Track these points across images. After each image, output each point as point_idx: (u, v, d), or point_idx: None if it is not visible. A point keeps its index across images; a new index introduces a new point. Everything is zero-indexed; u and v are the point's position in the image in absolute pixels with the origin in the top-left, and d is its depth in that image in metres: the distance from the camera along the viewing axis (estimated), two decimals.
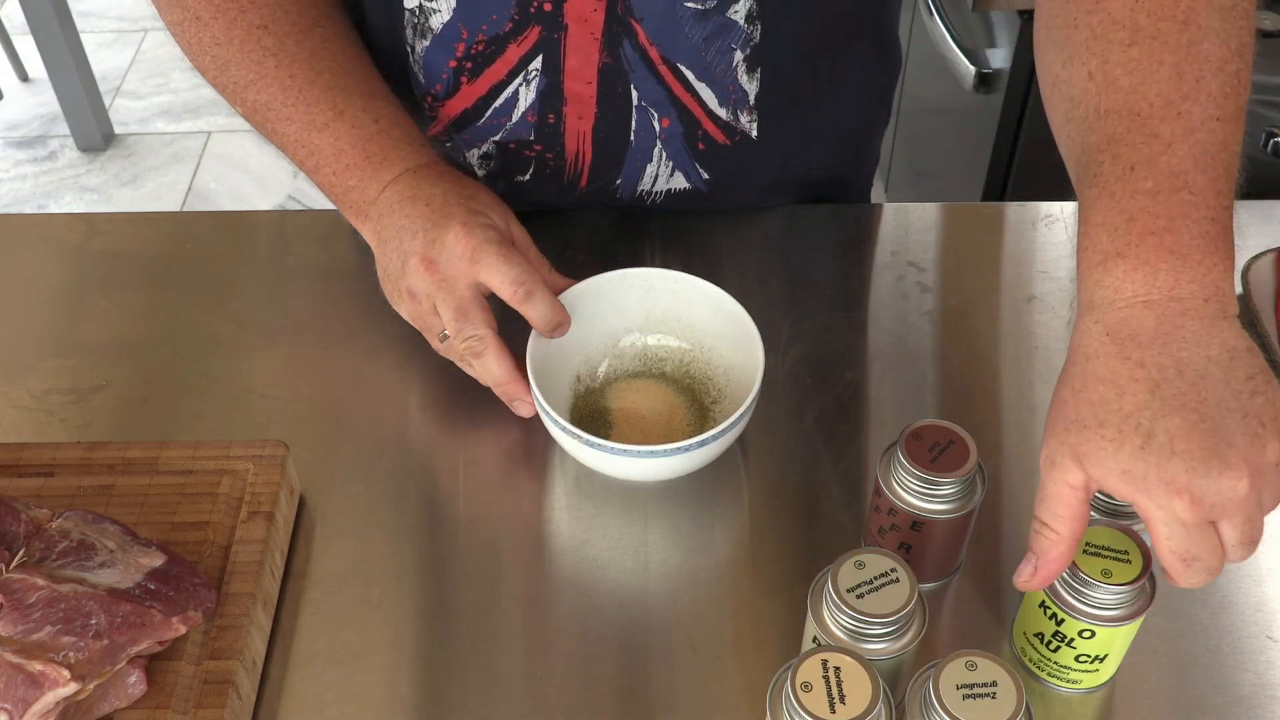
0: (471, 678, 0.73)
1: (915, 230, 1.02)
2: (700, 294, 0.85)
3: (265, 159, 2.72)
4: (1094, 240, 0.64)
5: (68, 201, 2.62)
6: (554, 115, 0.90)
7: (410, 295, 0.81)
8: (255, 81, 0.84)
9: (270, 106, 0.85)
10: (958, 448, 0.71)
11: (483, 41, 0.86)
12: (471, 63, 0.88)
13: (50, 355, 0.92)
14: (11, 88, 2.90)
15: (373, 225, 0.83)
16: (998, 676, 0.61)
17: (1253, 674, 0.73)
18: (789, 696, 0.60)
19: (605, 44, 0.85)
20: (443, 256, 0.79)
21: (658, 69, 0.87)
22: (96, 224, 1.03)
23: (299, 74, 0.84)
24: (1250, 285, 0.91)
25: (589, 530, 0.81)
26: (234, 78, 0.86)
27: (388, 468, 0.84)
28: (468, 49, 0.87)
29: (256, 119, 0.87)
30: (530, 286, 0.78)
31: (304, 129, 0.84)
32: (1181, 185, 0.63)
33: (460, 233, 0.78)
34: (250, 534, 0.75)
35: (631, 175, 0.94)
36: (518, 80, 0.88)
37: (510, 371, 0.81)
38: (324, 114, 0.83)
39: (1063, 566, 0.64)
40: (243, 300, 0.96)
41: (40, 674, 0.63)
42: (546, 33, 0.85)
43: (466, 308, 0.80)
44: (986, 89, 1.68)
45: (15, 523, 0.71)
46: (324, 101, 0.83)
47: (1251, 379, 0.60)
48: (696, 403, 0.86)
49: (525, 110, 0.90)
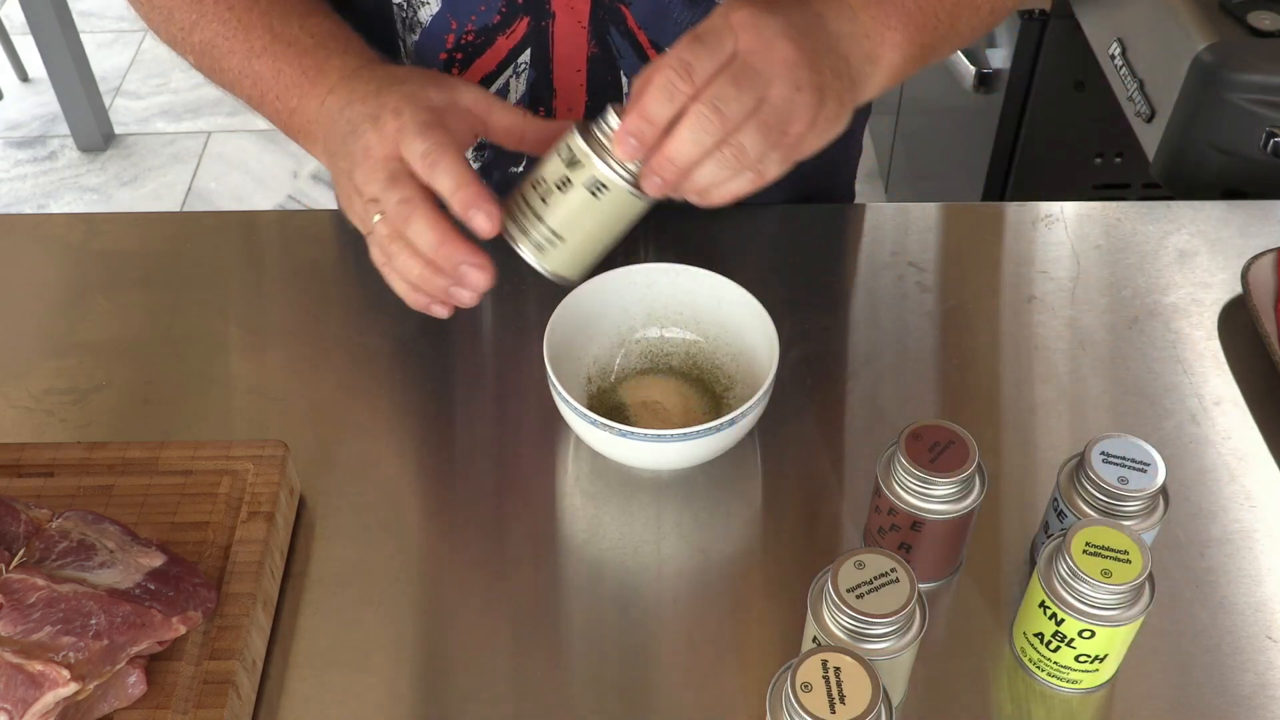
0: (471, 678, 0.73)
1: (915, 230, 1.02)
2: (704, 284, 0.86)
3: (265, 159, 2.72)
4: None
5: (68, 201, 2.62)
6: (544, 109, 0.90)
7: (354, 191, 0.73)
8: (198, 22, 0.83)
9: (213, 43, 0.83)
10: (958, 448, 0.71)
11: (472, 33, 0.87)
12: (462, 54, 0.88)
13: (50, 355, 0.92)
14: (11, 88, 2.90)
15: (321, 144, 0.78)
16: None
17: (1253, 674, 0.73)
18: (789, 696, 0.60)
19: (593, 31, 0.86)
20: (376, 140, 0.72)
21: (647, 55, 0.87)
22: (96, 224, 1.03)
23: (236, 4, 0.82)
24: (1250, 285, 0.91)
25: (589, 531, 0.81)
26: (178, 23, 0.84)
27: (388, 468, 0.84)
28: (457, 40, 0.88)
29: (206, 63, 0.85)
30: (436, 156, 0.69)
31: (245, 58, 0.81)
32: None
33: (389, 116, 0.72)
34: (250, 534, 0.75)
35: None
36: (508, 72, 0.89)
37: (460, 177, 0.69)
38: (261, 39, 0.81)
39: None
40: (243, 300, 0.96)
41: (40, 674, 0.63)
42: (535, 22, 0.85)
43: (394, 178, 0.70)
44: (986, 89, 1.68)
45: (15, 523, 0.71)
46: (260, 26, 0.81)
47: (849, 61, 0.72)
48: (709, 392, 0.87)
49: (516, 102, 0.90)
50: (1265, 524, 0.81)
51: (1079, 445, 0.75)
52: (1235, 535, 0.80)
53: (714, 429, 0.76)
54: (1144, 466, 0.71)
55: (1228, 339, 0.92)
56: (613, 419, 0.81)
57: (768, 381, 0.78)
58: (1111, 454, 0.72)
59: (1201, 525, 0.80)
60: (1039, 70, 1.60)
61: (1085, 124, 1.63)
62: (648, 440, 0.77)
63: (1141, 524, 0.72)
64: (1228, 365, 0.90)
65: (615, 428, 0.76)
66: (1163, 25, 1.30)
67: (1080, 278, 0.97)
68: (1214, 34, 1.23)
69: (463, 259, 0.69)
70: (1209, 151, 1.26)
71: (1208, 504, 0.82)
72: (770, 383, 0.78)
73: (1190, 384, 0.89)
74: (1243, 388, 0.89)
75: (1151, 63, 1.33)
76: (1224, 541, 0.80)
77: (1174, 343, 0.92)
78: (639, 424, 0.85)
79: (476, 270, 0.70)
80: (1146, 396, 0.88)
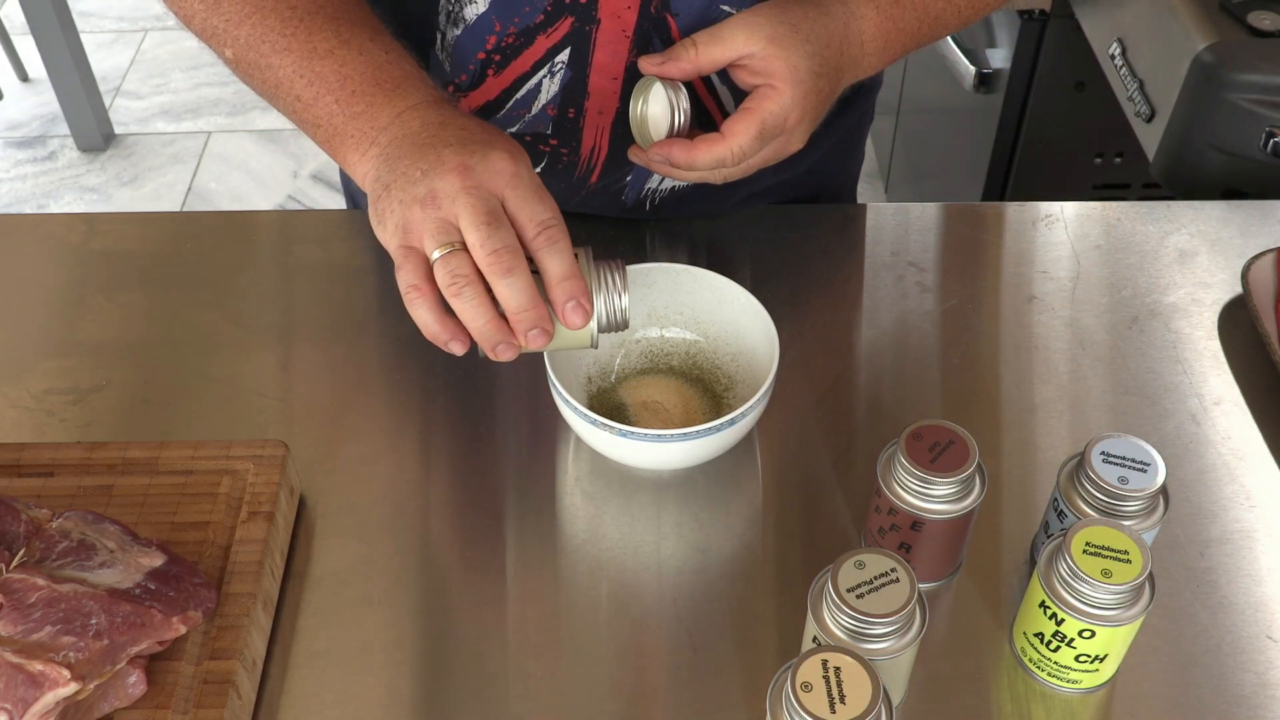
0: (471, 678, 0.73)
1: (915, 230, 1.02)
2: (703, 284, 0.86)
3: (265, 159, 2.72)
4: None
5: (68, 201, 2.62)
6: (574, 109, 0.90)
7: (426, 200, 0.69)
8: (252, 14, 0.79)
9: (266, 39, 0.79)
10: (958, 448, 0.71)
11: (513, 34, 0.86)
12: (500, 55, 0.87)
13: (50, 355, 0.92)
14: (11, 88, 2.90)
15: (379, 150, 0.74)
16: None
17: (1253, 674, 0.73)
18: (789, 696, 0.60)
19: (636, 41, 0.85)
20: (480, 166, 0.70)
21: None
22: (96, 224, 1.03)
23: (299, 5, 0.79)
24: (1250, 285, 0.91)
25: (589, 530, 0.81)
26: (226, 14, 0.80)
27: (388, 468, 0.84)
28: (499, 42, 0.87)
29: (249, 57, 0.80)
30: (557, 233, 0.70)
31: (305, 57, 0.78)
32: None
33: (504, 154, 0.70)
34: (250, 534, 0.75)
35: (642, 173, 0.94)
36: (542, 72, 0.88)
37: (571, 265, 0.70)
38: (328, 41, 0.77)
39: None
40: (243, 300, 0.96)
41: (40, 674, 0.63)
42: (579, 24, 0.85)
43: (497, 217, 0.69)
44: (986, 89, 1.68)
45: (15, 523, 0.71)
46: (328, 30, 0.78)
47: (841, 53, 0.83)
48: (709, 392, 0.87)
49: (546, 103, 0.90)
50: (1265, 524, 0.81)
51: (1079, 445, 0.75)
52: (1235, 535, 0.80)
53: (714, 429, 0.76)
54: (1144, 466, 0.71)
55: (1228, 339, 0.92)
56: (613, 419, 0.81)
57: (768, 381, 0.78)
58: (1111, 454, 0.72)
59: (1201, 525, 0.80)
60: (1039, 70, 1.60)
61: (1085, 124, 1.63)
62: (648, 440, 0.77)
63: (1141, 524, 0.72)
64: (1228, 365, 0.90)
65: (615, 428, 0.76)
66: (1163, 25, 1.30)
67: (1080, 278, 0.97)
68: (1214, 34, 1.23)
69: (536, 325, 0.69)
70: (1209, 151, 1.26)
71: (1208, 504, 0.82)
72: (770, 383, 0.78)
73: (1190, 384, 0.89)
74: (1243, 388, 0.89)
75: (1151, 63, 1.33)
76: (1224, 541, 0.80)
77: (1174, 343, 0.92)
78: (639, 424, 0.85)
79: (542, 336, 0.70)
80: (1146, 396, 0.88)
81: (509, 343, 0.69)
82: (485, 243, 0.67)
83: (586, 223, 1.00)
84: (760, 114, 0.79)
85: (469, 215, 0.68)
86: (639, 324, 0.88)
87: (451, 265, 0.68)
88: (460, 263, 0.68)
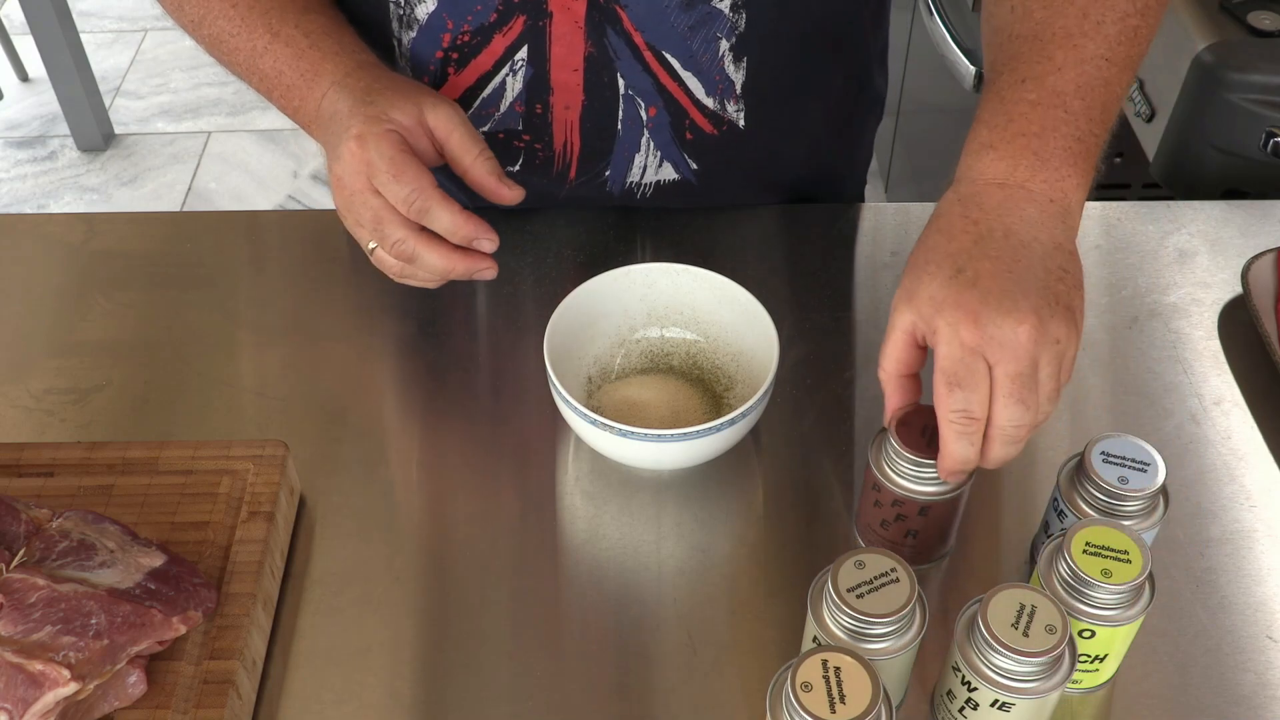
0: (471, 678, 0.73)
1: (915, 230, 1.01)
2: (703, 284, 0.86)
3: (265, 159, 2.72)
4: (976, 133, 0.73)
5: (68, 201, 2.62)
6: (541, 105, 0.90)
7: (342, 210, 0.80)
8: (205, 16, 0.86)
9: (221, 39, 0.86)
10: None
11: (468, 32, 0.87)
12: (458, 53, 0.88)
13: (50, 355, 0.92)
14: (11, 88, 2.90)
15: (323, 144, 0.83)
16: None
17: (1253, 674, 0.73)
18: (789, 696, 0.60)
19: (589, 32, 0.86)
20: (346, 173, 0.77)
21: (643, 56, 0.87)
22: (96, 224, 1.03)
23: (240, 1, 0.84)
24: (1250, 285, 0.91)
25: (589, 531, 0.81)
26: (188, 15, 0.87)
27: (388, 468, 0.84)
28: (454, 39, 0.88)
29: (218, 54, 0.88)
30: (424, 202, 0.76)
31: (249, 57, 0.85)
32: (1060, 104, 0.71)
33: (353, 147, 0.77)
34: (250, 534, 0.75)
35: (620, 165, 0.94)
36: (504, 71, 0.89)
37: (458, 214, 0.77)
38: (262, 38, 0.84)
39: (895, 406, 0.71)
40: (243, 300, 0.96)
41: (40, 674, 0.63)
42: (531, 21, 0.86)
43: (381, 218, 0.77)
44: None
45: (15, 523, 0.71)
46: (261, 25, 0.84)
47: (1065, 270, 0.67)
48: (709, 391, 0.87)
49: (513, 100, 0.90)
50: (1265, 524, 0.81)
51: (1079, 445, 0.75)
52: (1235, 535, 0.80)
53: (714, 429, 0.76)
54: (1144, 466, 0.71)
55: (1228, 339, 0.92)
56: (613, 419, 0.81)
57: (768, 381, 0.78)
58: (1111, 454, 0.72)
59: (1201, 525, 0.80)
60: None
61: None
62: (648, 440, 0.77)
63: (1141, 524, 0.72)
64: (1228, 365, 0.90)
65: (615, 428, 0.76)
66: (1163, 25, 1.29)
67: None
68: (1214, 34, 1.23)
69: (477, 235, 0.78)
70: (1209, 151, 1.26)
71: (1208, 504, 0.82)
72: (770, 383, 0.78)
73: (1190, 384, 0.89)
74: (1243, 388, 0.89)
75: (1151, 63, 1.33)
76: (1224, 541, 0.80)
77: (1174, 343, 0.92)
78: (639, 424, 0.85)
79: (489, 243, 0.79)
80: (1146, 396, 0.88)
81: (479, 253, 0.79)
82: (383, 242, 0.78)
83: (581, 222, 1.00)
84: (937, 373, 0.67)
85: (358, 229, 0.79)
86: (639, 324, 0.88)
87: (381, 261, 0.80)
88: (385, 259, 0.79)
